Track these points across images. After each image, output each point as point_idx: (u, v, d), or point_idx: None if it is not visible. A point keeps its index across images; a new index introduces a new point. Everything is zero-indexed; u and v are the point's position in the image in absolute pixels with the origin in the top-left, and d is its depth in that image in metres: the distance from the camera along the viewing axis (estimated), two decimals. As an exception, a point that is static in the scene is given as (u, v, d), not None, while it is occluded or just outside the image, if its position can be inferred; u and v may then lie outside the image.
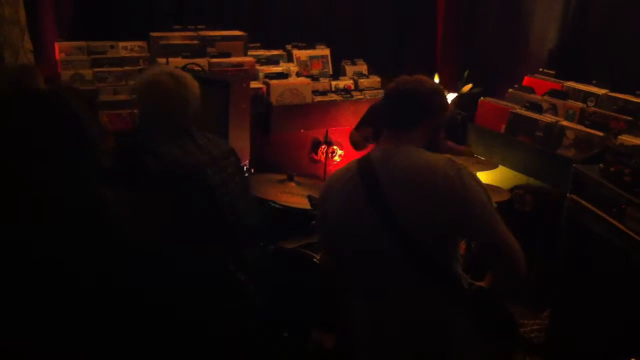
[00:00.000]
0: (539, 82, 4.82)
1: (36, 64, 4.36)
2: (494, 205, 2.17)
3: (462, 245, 2.48)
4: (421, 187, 2.10)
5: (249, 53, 5.12)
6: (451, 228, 2.14)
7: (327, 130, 5.05)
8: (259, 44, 5.40)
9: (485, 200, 2.11)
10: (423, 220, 2.10)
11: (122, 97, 4.61)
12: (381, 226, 2.14)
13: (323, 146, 5.11)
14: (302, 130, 5.11)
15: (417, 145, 2.26)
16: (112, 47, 4.79)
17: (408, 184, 2.13)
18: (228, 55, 4.90)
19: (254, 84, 4.83)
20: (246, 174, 2.89)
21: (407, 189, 2.12)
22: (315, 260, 3.43)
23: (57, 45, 4.61)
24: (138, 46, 4.87)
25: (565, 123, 4.27)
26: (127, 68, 4.70)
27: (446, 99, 2.44)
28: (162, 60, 4.57)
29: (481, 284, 2.40)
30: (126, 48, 4.82)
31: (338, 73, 5.63)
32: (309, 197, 3.55)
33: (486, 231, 2.12)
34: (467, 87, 5.64)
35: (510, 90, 4.86)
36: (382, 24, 6.09)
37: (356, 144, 4.36)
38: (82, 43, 4.68)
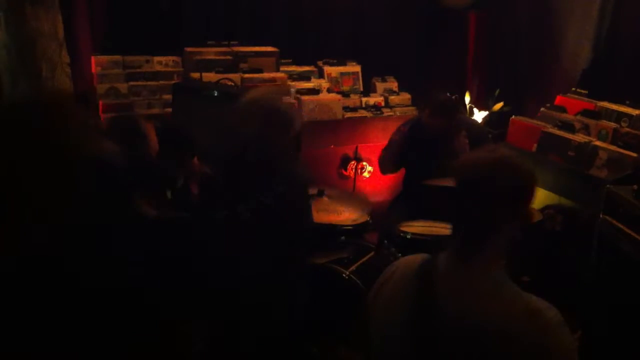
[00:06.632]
0: (571, 102, 4.78)
1: (72, 77, 4.46)
2: None
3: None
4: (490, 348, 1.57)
5: (281, 69, 5.18)
6: None
7: (357, 147, 5.07)
8: (290, 60, 5.46)
9: None
10: None
11: (155, 110, 4.69)
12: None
13: (352, 162, 5.12)
14: (332, 146, 5.14)
15: (497, 258, 1.65)
16: (147, 61, 4.88)
17: (474, 336, 1.59)
18: (260, 70, 4.96)
19: (285, 100, 4.87)
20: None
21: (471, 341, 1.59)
22: (344, 275, 3.43)
23: (93, 59, 4.71)
24: (172, 61, 4.96)
25: (597, 143, 4.22)
26: (161, 82, 4.80)
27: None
28: (196, 75, 4.64)
29: None
30: (161, 63, 4.91)
31: (368, 90, 5.67)
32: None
33: None
34: (498, 106, 5.63)
35: (542, 109, 4.83)
36: (412, 41, 6.12)
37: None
38: (118, 57, 4.77)
